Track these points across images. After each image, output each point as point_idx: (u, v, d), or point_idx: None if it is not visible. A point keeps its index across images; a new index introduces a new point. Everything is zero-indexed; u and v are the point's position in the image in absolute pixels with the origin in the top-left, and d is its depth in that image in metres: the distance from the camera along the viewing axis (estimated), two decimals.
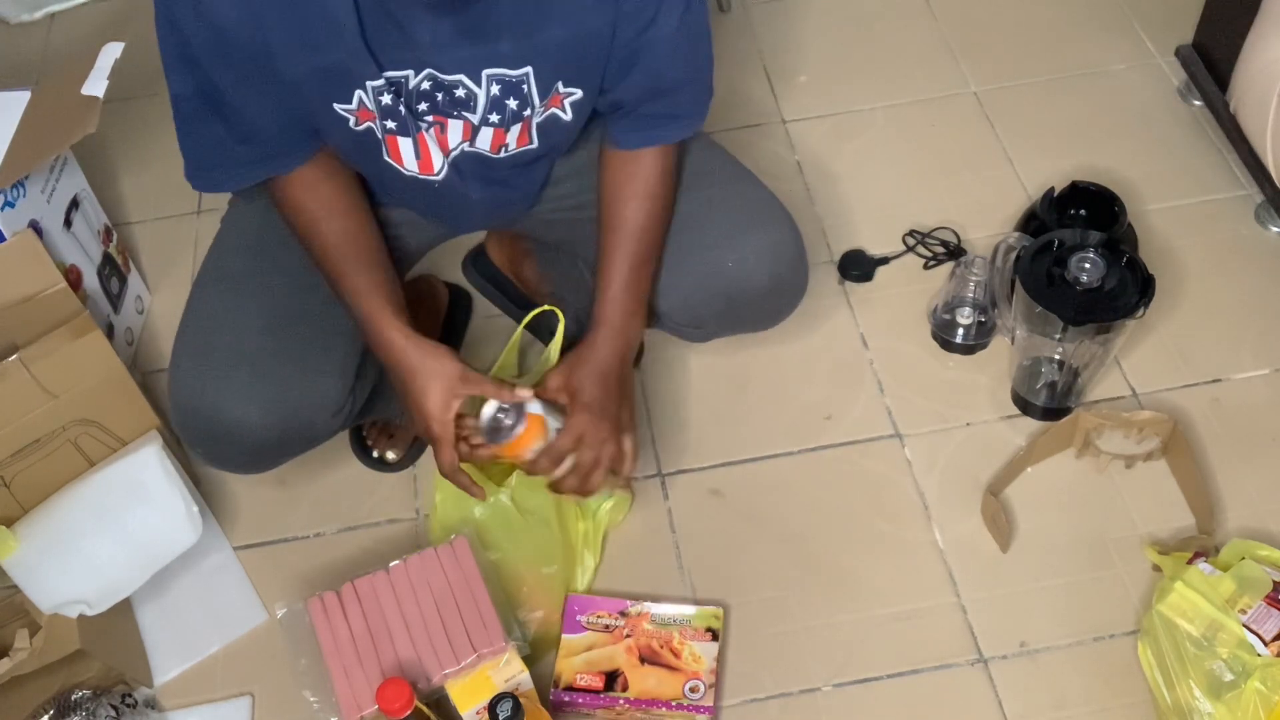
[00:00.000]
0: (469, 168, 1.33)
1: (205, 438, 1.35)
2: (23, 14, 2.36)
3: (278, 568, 1.57)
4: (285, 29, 1.15)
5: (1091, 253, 1.50)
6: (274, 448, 1.36)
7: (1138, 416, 1.55)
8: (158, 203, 2.01)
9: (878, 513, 1.56)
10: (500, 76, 1.23)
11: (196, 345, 1.35)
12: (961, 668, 1.43)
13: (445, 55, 1.20)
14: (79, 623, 1.37)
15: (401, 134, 1.27)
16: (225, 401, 1.30)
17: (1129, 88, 2.03)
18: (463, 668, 1.32)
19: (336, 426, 1.38)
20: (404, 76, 1.21)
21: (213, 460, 1.41)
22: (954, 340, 1.71)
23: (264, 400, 1.30)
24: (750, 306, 1.43)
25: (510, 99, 1.25)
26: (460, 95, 1.24)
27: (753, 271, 1.38)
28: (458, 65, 1.21)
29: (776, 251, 1.40)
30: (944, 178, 1.93)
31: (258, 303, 1.35)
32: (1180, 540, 1.48)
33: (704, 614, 1.45)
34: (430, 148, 1.29)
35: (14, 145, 1.55)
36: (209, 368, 1.32)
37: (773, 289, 1.42)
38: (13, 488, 1.47)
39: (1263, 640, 1.26)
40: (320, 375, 1.34)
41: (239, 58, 1.17)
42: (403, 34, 1.17)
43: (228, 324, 1.34)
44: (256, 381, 1.30)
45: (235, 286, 1.38)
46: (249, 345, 1.32)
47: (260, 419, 1.30)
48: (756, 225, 1.40)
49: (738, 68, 2.13)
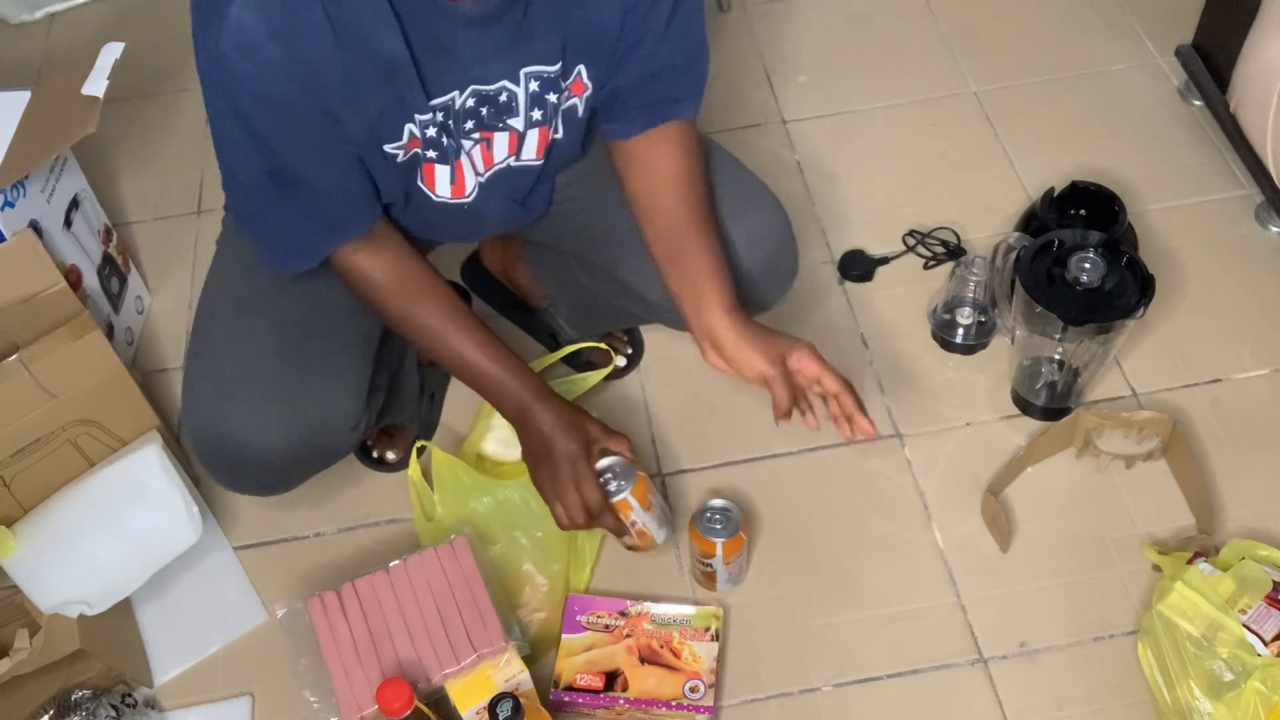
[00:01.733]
0: (498, 187, 1.34)
1: (226, 464, 1.34)
2: (23, 14, 2.37)
3: (278, 568, 1.57)
4: (341, 82, 1.14)
5: (1091, 253, 1.50)
6: (294, 468, 1.36)
7: (1138, 416, 1.55)
8: (158, 203, 2.01)
9: (878, 513, 1.56)
10: (538, 74, 1.24)
11: (208, 371, 1.33)
12: (961, 668, 1.43)
13: (486, 66, 1.21)
14: (79, 623, 1.37)
15: (440, 162, 1.28)
16: (243, 427, 1.29)
17: (1129, 88, 2.03)
18: (463, 668, 1.32)
19: (354, 441, 1.38)
20: (450, 99, 1.22)
21: (234, 485, 1.39)
22: (954, 340, 1.71)
23: (281, 422, 1.29)
24: (740, 292, 1.43)
25: (550, 93, 1.26)
26: (503, 100, 1.25)
27: (741, 256, 1.38)
28: (499, 73, 1.22)
29: (764, 235, 1.40)
30: (944, 178, 1.93)
31: (266, 324, 1.34)
32: (1180, 540, 1.48)
33: (704, 614, 1.45)
34: (465, 173, 1.30)
35: (14, 145, 1.55)
36: (223, 394, 1.31)
37: (762, 273, 1.41)
38: (13, 488, 1.47)
39: (1263, 640, 1.26)
40: (335, 393, 1.33)
41: (302, 125, 1.16)
42: (448, 56, 1.18)
43: (238, 348, 1.33)
44: (272, 404, 1.29)
45: (241, 309, 1.36)
46: (262, 368, 1.31)
47: (279, 442, 1.29)
48: (744, 210, 1.40)
49: (738, 68, 2.13)
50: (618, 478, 1.32)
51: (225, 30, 1.08)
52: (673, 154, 1.34)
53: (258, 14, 1.08)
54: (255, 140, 1.17)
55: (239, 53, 1.09)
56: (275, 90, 1.12)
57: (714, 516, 1.43)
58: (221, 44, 1.09)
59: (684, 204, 1.33)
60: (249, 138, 1.16)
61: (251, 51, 1.09)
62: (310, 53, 1.11)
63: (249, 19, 1.08)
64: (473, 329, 1.31)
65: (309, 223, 1.26)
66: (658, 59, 1.29)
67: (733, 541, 1.42)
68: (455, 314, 1.31)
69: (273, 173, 1.20)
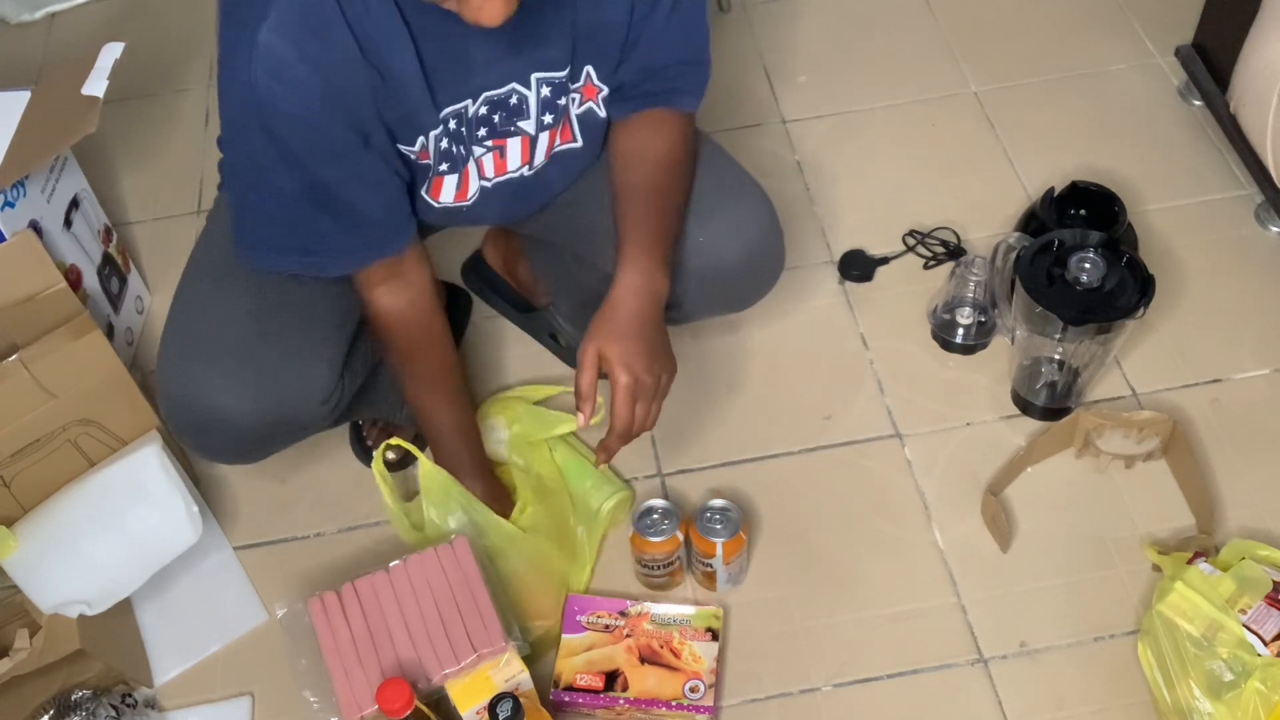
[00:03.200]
0: (500, 193, 1.35)
1: (194, 428, 1.34)
2: (23, 14, 2.37)
3: (278, 568, 1.57)
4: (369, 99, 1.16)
5: (1091, 253, 1.50)
6: (263, 436, 1.36)
7: (1138, 416, 1.55)
8: (158, 203, 2.01)
9: (878, 513, 1.56)
10: (549, 79, 1.25)
11: (182, 335, 1.35)
12: (961, 668, 1.43)
13: (496, 71, 1.22)
14: (79, 623, 1.37)
15: (450, 173, 1.30)
16: (212, 390, 1.30)
17: (1129, 88, 2.03)
18: (463, 668, 1.32)
19: (326, 415, 1.38)
20: (463, 108, 1.23)
21: (202, 451, 1.40)
22: (954, 340, 1.71)
23: (251, 388, 1.30)
24: (723, 283, 1.42)
25: (560, 98, 1.28)
26: (514, 103, 1.26)
27: (723, 248, 1.38)
28: (508, 75, 1.23)
29: (747, 226, 1.40)
30: (944, 178, 1.93)
31: (242, 291, 1.35)
32: (1180, 540, 1.48)
33: (704, 614, 1.45)
34: (471, 179, 1.32)
35: (14, 145, 1.55)
36: (195, 357, 1.32)
37: (745, 264, 1.41)
38: (13, 488, 1.47)
39: (1263, 640, 1.26)
40: (308, 361, 1.34)
41: (337, 145, 1.18)
42: (461, 65, 1.19)
43: (213, 313, 1.34)
44: (243, 369, 1.30)
45: (220, 277, 1.37)
46: (234, 333, 1.32)
47: (248, 406, 1.30)
48: (727, 201, 1.40)
49: (738, 68, 2.13)
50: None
51: (256, 56, 1.10)
52: (661, 134, 1.35)
53: (285, 38, 1.09)
54: (290, 162, 1.18)
55: (270, 77, 1.11)
56: (308, 111, 1.14)
57: (714, 516, 1.43)
58: (254, 69, 1.10)
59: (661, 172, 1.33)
60: (284, 157, 1.18)
61: (282, 74, 1.11)
62: (339, 72, 1.13)
63: (277, 43, 1.09)
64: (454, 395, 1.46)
65: (335, 238, 1.28)
66: (659, 54, 1.30)
67: (733, 541, 1.42)
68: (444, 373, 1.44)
69: (308, 188, 1.21)
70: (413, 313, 1.36)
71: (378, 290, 1.34)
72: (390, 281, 1.33)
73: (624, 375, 1.26)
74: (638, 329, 1.28)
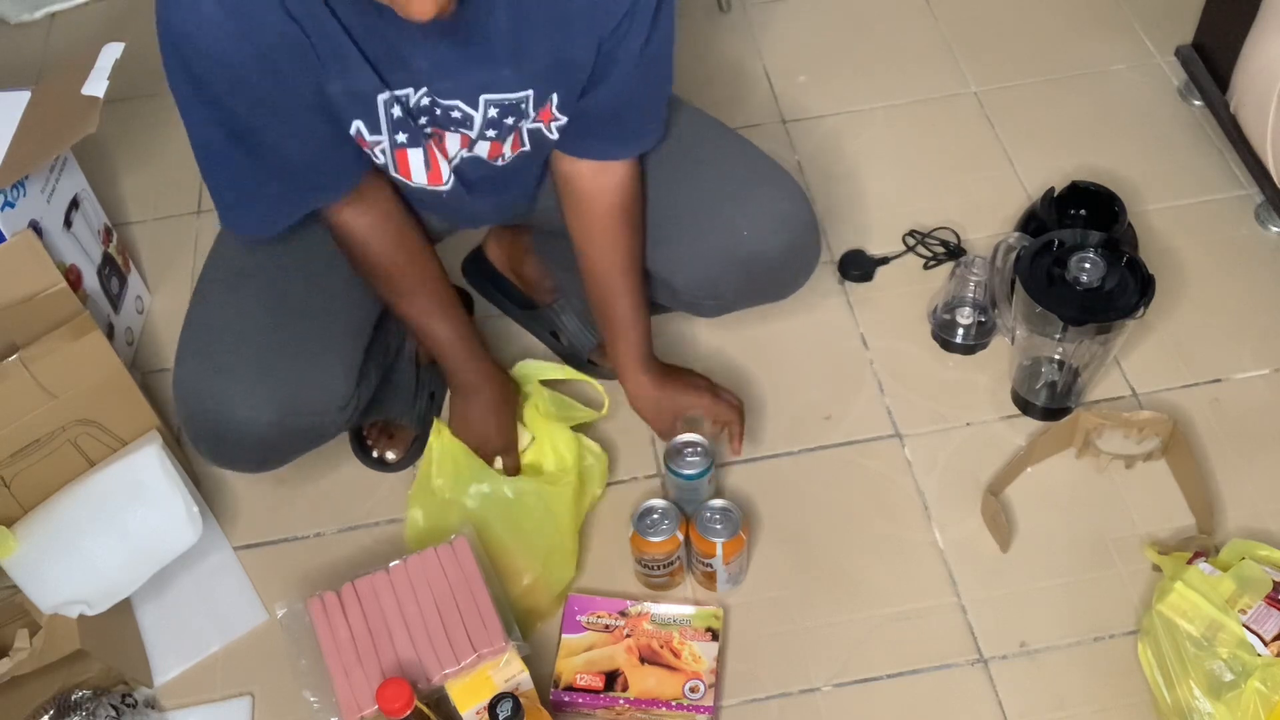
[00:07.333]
0: (472, 174, 1.33)
1: (212, 438, 1.34)
2: (23, 14, 2.36)
3: (278, 568, 1.57)
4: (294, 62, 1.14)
5: (1091, 253, 1.50)
6: (281, 445, 1.36)
7: (1138, 416, 1.55)
8: (158, 203, 2.01)
9: (878, 513, 1.56)
10: (499, 101, 1.24)
11: (199, 345, 1.34)
12: (961, 668, 1.43)
13: (443, 82, 1.21)
14: (79, 623, 1.37)
15: (412, 145, 1.27)
16: (230, 400, 1.30)
17: (1129, 88, 2.03)
18: (463, 668, 1.32)
19: (343, 422, 1.38)
20: (406, 94, 1.21)
21: (220, 460, 1.40)
22: (954, 340, 1.71)
23: (270, 397, 1.30)
24: (769, 274, 1.45)
25: (508, 118, 1.26)
26: (456, 116, 1.24)
27: (769, 240, 1.40)
28: (454, 91, 1.22)
29: (790, 217, 1.42)
30: (944, 178, 1.93)
31: (259, 300, 1.35)
32: (1180, 540, 1.48)
33: (704, 614, 1.45)
34: (438, 159, 1.30)
35: (14, 145, 1.55)
36: (213, 367, 1.32)
37: (789, 254, 1.43)
38: (13, 488, 1.47)
39: (1263, 640, 1.26)
40: (326, 370, 1.34)
41: (258, 92, 1.16)
42: (402, 61, 1.18)
43: (230, 322, 1.34)
44: (262, 379, 1.30)
45: (236, 285, 1.37)
46: (252, 343, 1.32)
47: (266, 416, 1.30)
48: (765, 191, 1.41)
49: (738, 68, 2.13)
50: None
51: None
52: (614, 189, 1.36)
53: None
54: (208, 102, 1.17)
55: (181, 12, 1.11)
56: (223, 51, 1.12)
57: (714, 516, 1.43)
58: (167, 7, 1.11)
59: (616, 248, 1.39)
60: (200, 97, 1.16)
61: (193, 10, 1.10)
62: (256, 19, 1.11)
63: None
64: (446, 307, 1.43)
65: (262, 186, 1.26)
66: (622, 95, 1.28)
67: (733, 541, 1.42)
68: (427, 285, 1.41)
69: (229, 130, 1.20)
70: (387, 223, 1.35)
71: (340, 215, 1.32)
72: (349, 207, 1.32)
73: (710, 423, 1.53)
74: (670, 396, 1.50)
